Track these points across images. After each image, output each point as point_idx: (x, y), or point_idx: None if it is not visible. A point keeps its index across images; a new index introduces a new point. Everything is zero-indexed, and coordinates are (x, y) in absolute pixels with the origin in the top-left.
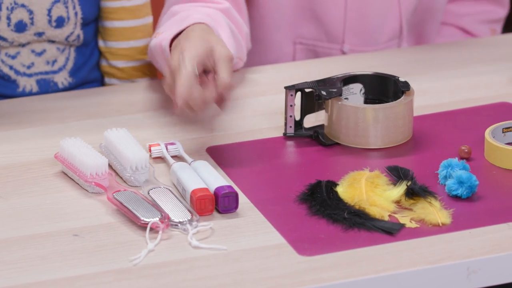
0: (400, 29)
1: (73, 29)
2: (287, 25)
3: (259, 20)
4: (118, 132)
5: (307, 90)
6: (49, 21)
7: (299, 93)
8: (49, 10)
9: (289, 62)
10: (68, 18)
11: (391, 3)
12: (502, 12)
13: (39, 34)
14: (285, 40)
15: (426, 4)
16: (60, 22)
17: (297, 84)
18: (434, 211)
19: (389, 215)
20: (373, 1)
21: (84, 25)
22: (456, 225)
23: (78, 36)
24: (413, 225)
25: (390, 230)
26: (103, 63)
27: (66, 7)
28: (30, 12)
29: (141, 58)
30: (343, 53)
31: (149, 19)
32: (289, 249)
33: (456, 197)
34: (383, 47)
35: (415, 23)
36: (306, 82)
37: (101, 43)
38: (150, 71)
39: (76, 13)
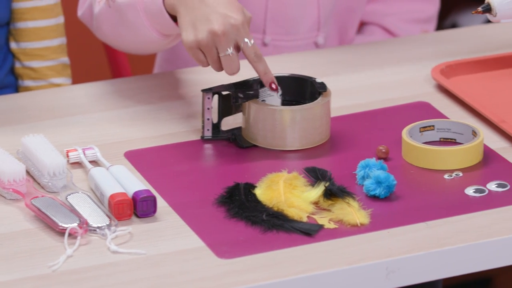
0: (319, 21)
1: None
2: None
3: None
4: (35, 138)
5: (224, 92)
6: None
7: (216, 96)
8: None
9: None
10: None
11: None
12: (432, 9)
13: None
14: None
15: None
16: None
17: (214, 87)
18: (353, 211)
19: (308, 216)
20: None
21: None
22: (375, 225)
23: None
24: (332, 225)
25: (309, 231)
26: (17, 65)
27: None
28: None
29: (55, 58)
30: (264, 44)
31: (62, 18)
32: (209, 252)
33: (374, 197)
34: (304, 37)
35: (337, 17)
36: (223, 84)
37: (13, 45)
38: (64, 70)
39: None
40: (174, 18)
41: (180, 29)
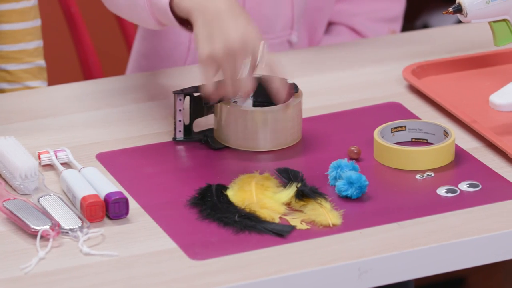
0: (292, 19)
1: None
2: None
3: None
4: (7, 140)
5: (195, 94)
6: None
7: (188, 97)
8: None
9: (180, 66)
10: None
11: None
12: (398, 8)
13: None
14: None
15: None
16: None
17: (185, 88)
18: (325, 212)
19: (280, 217)
20: None
21: None
22: (347, 225)
23: None
24: (304, 226)
25: (281, 232)
26: None
27: None
28: None
29: (31, 61)
30: None
31: (39, 21)
32: (181, 253)
33: (346, 198)
34: (278, 35)
35: (307, 16)
36: (194, 86)
37: None
38: (40, 73)
39: None
40: (180, 18)
41: (196, 41)
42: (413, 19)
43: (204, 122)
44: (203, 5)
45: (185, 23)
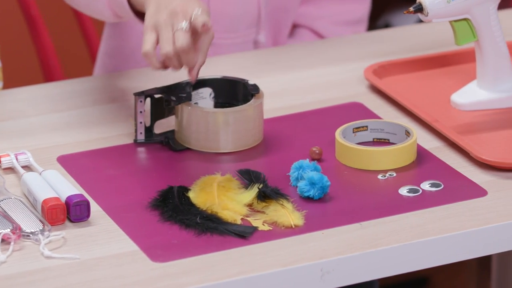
0: (258, 18)
1: None
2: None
3: None
4: None
5: (156, 95)
6: None
7: (148, 99)
8: None
9: (142, 68)
10: None
11: None
12: (362, 10)
13: None
14: None
15: None
16: None
17: (146, 90)
18: (287, 213)
19: (242, 219)
20: None
21: None
22: (309, 226)
23: None
24: (266, 228)
25: (243, 234)
26: None
27: None
28: None
29: None
30: None
31: None
32: (143, 256)
33: (308, 199)
34: (242, 35)
35: (271, 16)
36: (155, 87)
37: None
38: None
39: None
40: (136, 11)
41: (145, 18)
42: (374, 18)
43: (165, 124)
44: None
45: (141, 15)
